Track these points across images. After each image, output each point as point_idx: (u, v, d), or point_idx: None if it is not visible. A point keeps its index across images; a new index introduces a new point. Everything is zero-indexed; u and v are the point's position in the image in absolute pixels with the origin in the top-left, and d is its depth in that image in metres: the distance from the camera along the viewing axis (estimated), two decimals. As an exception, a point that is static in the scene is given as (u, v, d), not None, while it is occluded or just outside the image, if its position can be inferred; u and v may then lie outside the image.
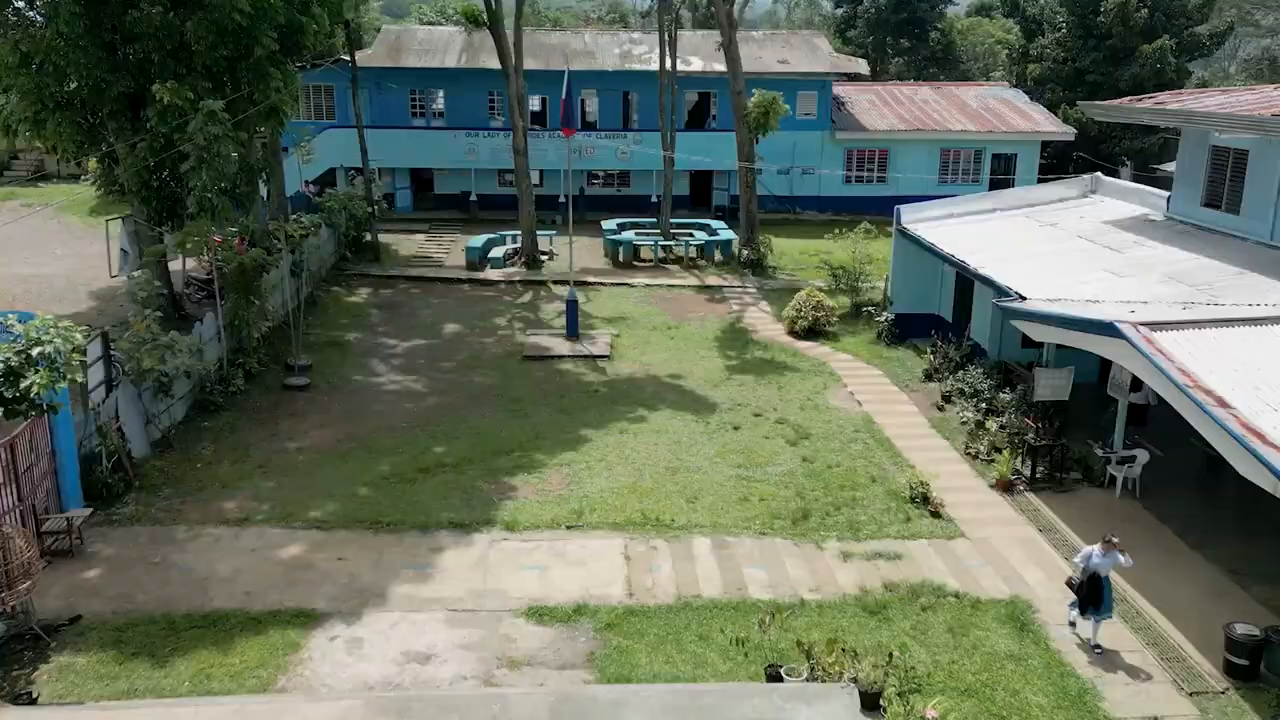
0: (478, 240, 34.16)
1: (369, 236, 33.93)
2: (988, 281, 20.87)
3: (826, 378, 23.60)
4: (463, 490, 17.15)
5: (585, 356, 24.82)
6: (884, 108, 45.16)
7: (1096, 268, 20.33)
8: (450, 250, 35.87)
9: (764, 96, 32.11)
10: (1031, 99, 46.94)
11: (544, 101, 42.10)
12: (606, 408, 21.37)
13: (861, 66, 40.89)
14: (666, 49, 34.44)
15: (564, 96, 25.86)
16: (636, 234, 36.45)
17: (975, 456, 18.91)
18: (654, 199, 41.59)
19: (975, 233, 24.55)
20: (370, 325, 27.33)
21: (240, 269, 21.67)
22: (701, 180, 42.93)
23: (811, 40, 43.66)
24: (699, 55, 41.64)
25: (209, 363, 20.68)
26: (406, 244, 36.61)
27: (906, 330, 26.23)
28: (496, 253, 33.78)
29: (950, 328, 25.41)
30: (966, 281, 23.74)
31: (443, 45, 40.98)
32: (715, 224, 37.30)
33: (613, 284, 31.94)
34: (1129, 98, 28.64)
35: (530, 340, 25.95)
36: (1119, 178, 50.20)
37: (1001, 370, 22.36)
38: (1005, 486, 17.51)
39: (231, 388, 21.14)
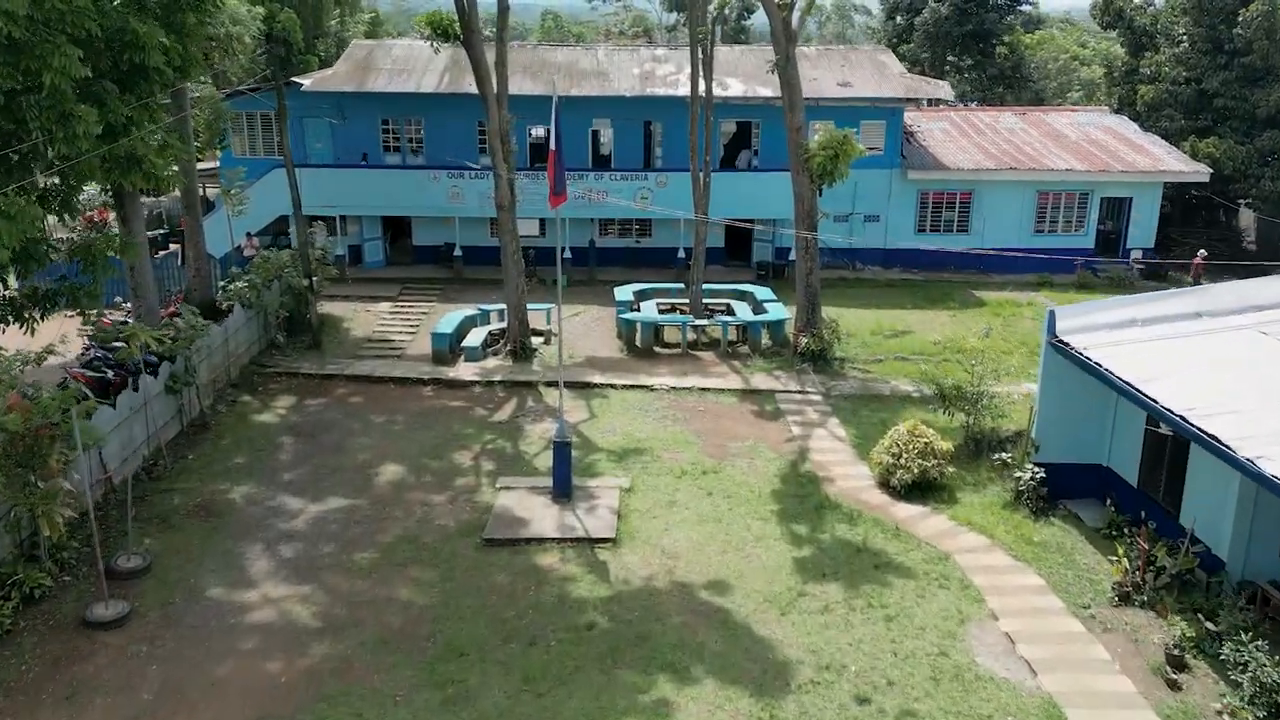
0: (448, 322, 25.27)
1: (310, 314, 25.20)
2: (1234, 462, 11.85)
3: (958, 593, 14.48)
4: None
5: (577, 540, 15.87)
6: (961, 139, 35.98)
7: None
8: (420, 327, 27.05)
9: (832, 135, 23.09)
10: (1142, 128, 37.61)
11: (547, 134, 33.19)
12: (603, 674, 12.39)
13: (944, 90, 31.84)
14: (700, 69, 25.56)
15: (551, 143, 16.89)
16: (659, 306, 27.51)
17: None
18: (681, 254, 32.69)
19: (1178, 356, 15.43)
20: (273, 468, 18.46)
21: (11, 441, 12.94)
22: (740, 231, 33.91)
23: (876, 57, 34.53)
24: (737, 76, 32.67)
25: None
26: (364, 318, 27.81)
27: (1059, 487, 17.12)
28: (474, 337, 24.93)
29: (1131, 495, 16.29)
30: (1174, 436, 14.68)
31: (422, 64, 32.21)
32: (760, 292, 28.27)
33: (626, 386, 22.94)
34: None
35: (499, 505, 17.01)
36: (1241, 222, 40.83)
37: (1258, 601, 13.26)
38: None
39: (-11, 629, 12.47)
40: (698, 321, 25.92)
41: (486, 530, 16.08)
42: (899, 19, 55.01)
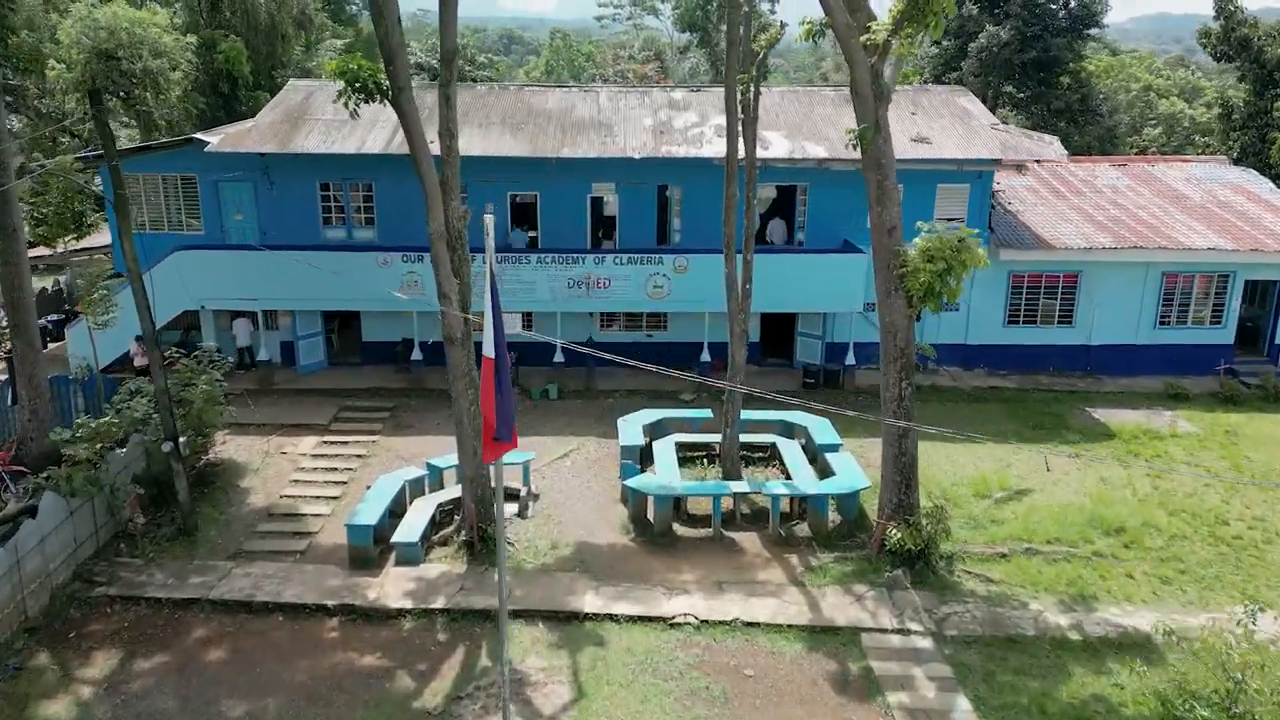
0: (379, 495, 17.00)
1: (180, 489, 17.02)
2: None
3: None
4: None
5: None
6: (1057, 201, 27.67)
7: None
8: (348, 486, 18.92)
9: (943, 241, 14.86)
10: (1277, 184, 29.30)
11: (536, 199, 25.09)
12: None
13: (1054, 148, 23.50)
14: (738, 127, 17.42)
15: (488, 344, 8.91)
16: (680, 449, 19.37)
17: None
18: (706, 355, 24.52)
19: None
20: None
21: None
22: (779, 318, 25.73)
23: (955, 101, 26.20)
24: (779, 127, 24.46)
25: None
26: (275, 466, 19.62)
27: None
28: (415, 517, 16.73)
29: None
30: None
31: (369, 114, 24.04)
32: (815, 427, 20.10)
33: (633, 618, 14.68)
34: None
35: None
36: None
37: None
38: None
39: None
40: (735, 488, 17.67)
41: None
42: (946, 43, 46.77)
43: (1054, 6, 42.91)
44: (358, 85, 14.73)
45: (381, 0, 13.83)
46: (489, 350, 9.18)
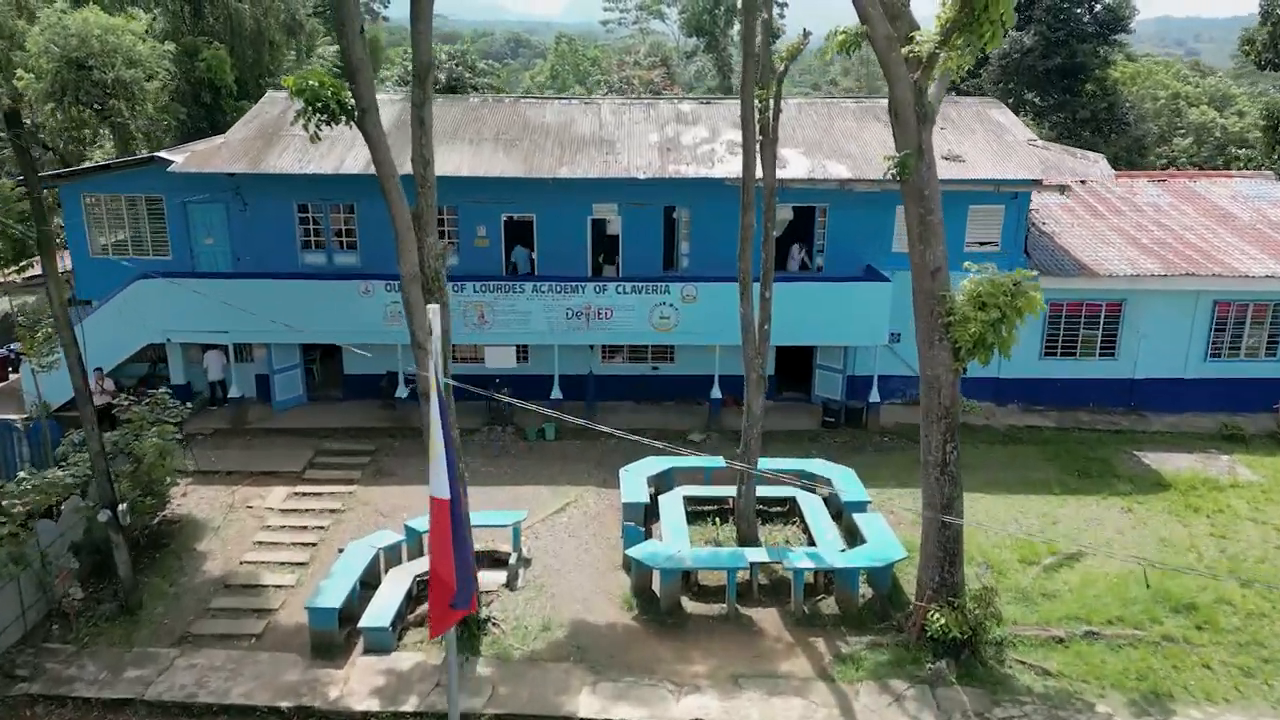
0: (345, 572, 14.76)
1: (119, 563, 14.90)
2: None
3: None
4: None
5: None
6: (1095, 221, 25.49)
7: None
8: (318, 548, 16.84)
9: (995, 285, 12.73)
10: (1332, 203, 27.05)
11: (532, 221, 22.98)
12: None
13: (1099, 166, 21.20)
14: (755, 145, 15.30)
15: (437, 481, 6.90)
16: (688, 502, 17.26)
17: None
18: (716, 392, 22.40)
19: None
20: None
21: None
22: (796, 348, 23.57)
23: (988, 114, 23.99)
24: (797, 144, 22.32)
25: None
26: (237, 524, 17.53)
27: None
28: (388, 595, 14.60)
29: None
30: None
31: (351, 130, 21.95)
32: (840, 477, 17.95)
33: (636, 720, 12.67)
34: None
35: None
36: None
37: None
38: None
39: None
40: (753, 557, 15.52)
41: None
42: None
43: (1079, 11, 40.68)
44: (319, 105, 12.62)
45: (342, 11, 11.75)
46: (439, 489, 7.10)
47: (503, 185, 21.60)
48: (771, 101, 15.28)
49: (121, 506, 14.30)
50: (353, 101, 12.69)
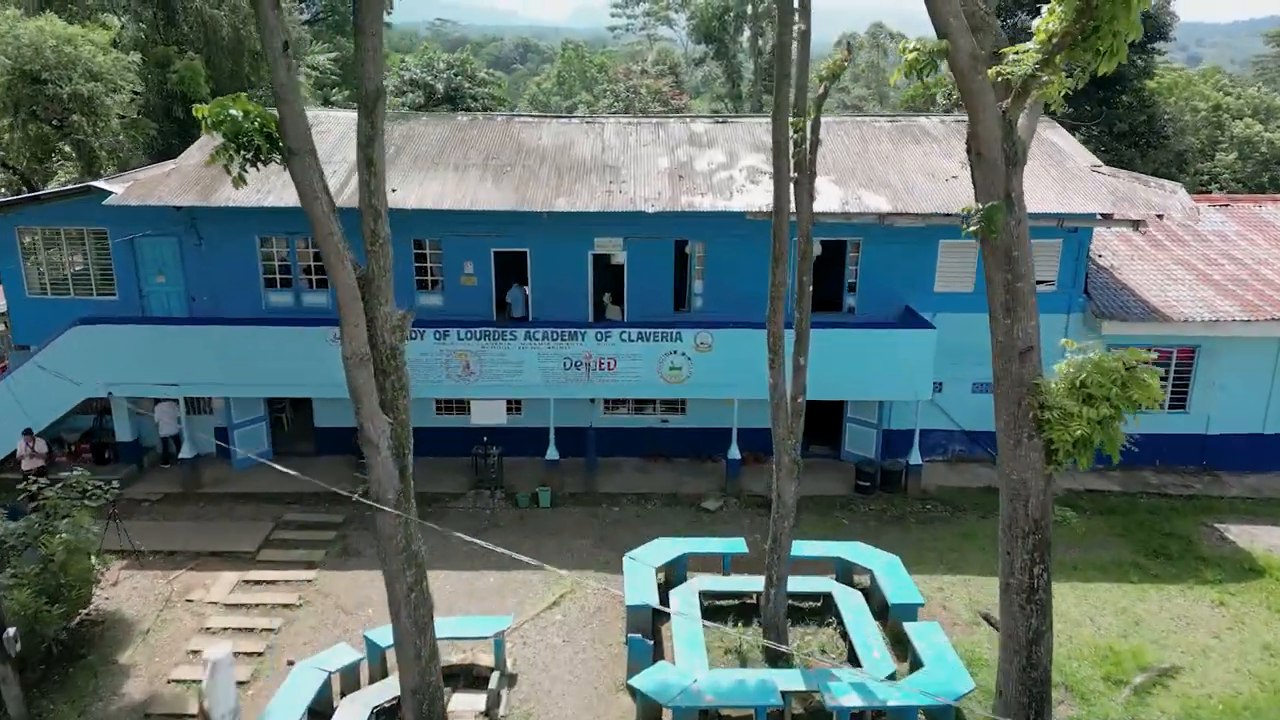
0: (286, 706, 11.97)
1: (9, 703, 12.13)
2: None
3: None
4: None
5: None
6: (1158, 253, 22.55)
7: None
8: (269, 653, 14.02)
9: (1101, 371, 9.89)
10: None
11: (526, 256, 20.14)
12: None
13: (1178, 197, 18.27)
14: (788, 184, 12.44)
15: None
16: (706, 607, 14.37)
17: None
18: (735, 451, 19.55)
19: None
20: None
21: None
22: (822, 401, 20.64)
23: (1044, 136, 21.01)
24: (827, 170, 19.44)
25: None
26: (173, 624, 14.72)
27: None
28: (359, 700, 11.79)
29: None
30: None
31: (326, 149, 19.10)
32: (883, 570, 15.07)
33: None
34: None
35: None
36: None
37: None
38: None
39: None
40: (786, 684, 12.63)
41: None
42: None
43: (1118, 18, 37.74)
44: (243, 140, 9.79)
45: (266, 28, 8.93)
46: None
47: (493, 217, 18.79)
48: (808, 130, 12.41)
49: (9, 633, 11.48)
50: (275, 138, 9.81)
